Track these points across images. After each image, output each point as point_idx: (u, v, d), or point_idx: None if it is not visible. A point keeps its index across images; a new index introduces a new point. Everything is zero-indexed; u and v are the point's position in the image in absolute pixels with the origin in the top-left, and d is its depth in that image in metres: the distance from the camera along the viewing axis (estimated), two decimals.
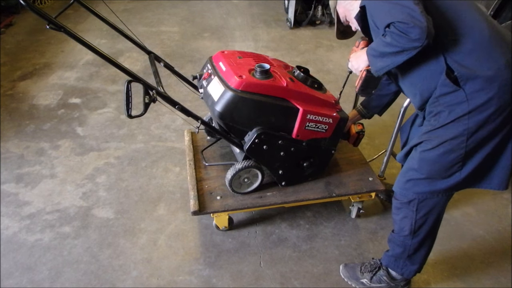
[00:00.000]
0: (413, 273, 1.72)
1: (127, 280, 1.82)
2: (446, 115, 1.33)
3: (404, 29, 1.19)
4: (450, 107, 1.31)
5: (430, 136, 1.38)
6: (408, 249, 1.62)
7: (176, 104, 1.63)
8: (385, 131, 2.85)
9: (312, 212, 2.20)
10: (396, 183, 1.57)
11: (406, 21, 1.18)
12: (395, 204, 1.59)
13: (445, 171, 1.39)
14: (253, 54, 1.93)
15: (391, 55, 1.28)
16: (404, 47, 1.23)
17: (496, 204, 2.33)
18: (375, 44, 1.35)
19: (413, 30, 1.17)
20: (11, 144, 2.64)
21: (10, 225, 2.06)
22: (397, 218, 1.60)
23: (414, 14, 1.18)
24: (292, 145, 1.82)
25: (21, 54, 3.84)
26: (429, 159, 1.40)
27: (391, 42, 1.25)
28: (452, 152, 1.35)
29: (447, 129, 1.34)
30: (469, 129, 1.30)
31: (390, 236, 1.69)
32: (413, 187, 1.48)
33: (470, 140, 1.31)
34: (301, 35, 4.58)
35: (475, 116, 1.28)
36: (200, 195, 1.88)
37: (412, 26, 1.17)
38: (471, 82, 1.26)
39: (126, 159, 2.56)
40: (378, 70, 1.36)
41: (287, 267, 1.90)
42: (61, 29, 1.29)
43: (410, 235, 1.58)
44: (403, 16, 1.19)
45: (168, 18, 4.91)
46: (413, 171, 1.47)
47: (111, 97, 3.22)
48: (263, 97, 1.66)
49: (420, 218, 1.53)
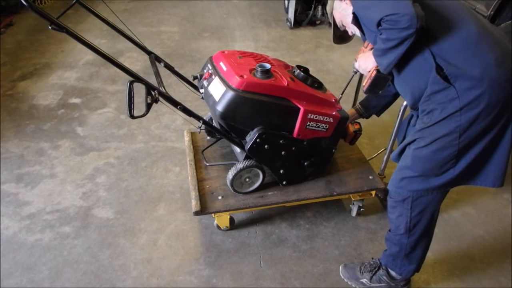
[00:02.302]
0: (412, 273, 1.72)
1: (127, 280, 1.82)
2: (438, 112, 1.34)
3: (393, 20, 1.21)
4: (442, 104, 1.32)
5: (423, 134, 1.39)
6: (405, 248, 1.62)
7: (178, 104, 1.64)
8: (385, 131, 2.85)
9: (312, 212, 2.20)
10: (390, 182, 1.57)
11: (392, 12, 1.20)
12: (390, 202, 1.60)
13: (439, 168, 1.40)
14: (254, 54, 1.93)
15: (392, 50, 1.30)
16: (400, 37, 1.24)
17: (496, 204, 2.33)
18: (376, 44, 1.37)
19: (402, 19, 1.19)
20: (11, 144, 2.64)
21: (10, 225, 2.06)
22: (392, 216, 1.61)
23: (398, 3, 1.21)
24: (293, 145, 1.82)
25: (21, 54, 3.83)
26: (422, 156, 1.41)
27: (387, 37, 1.27)
28: (445, 149, 1.35)
29: (439, 126, 1.35)
30: (461, 126, 1.30)
31: (387, 235, 1.70)
32: (407, 185, 1.49)
33: (462, 137, 1.32)
34: (301, 35, 4.58)
35: (467, 113, 1.29)
36: (201, 195, 1.88)
37: (401, 15, 1.19)
38: (461, 80, 1.27)
39: (126, 159, 2.56)
40: (386, 67, 1.37)
41: (287, 267, 1.90)
42: (63, 30, 1.29)
43: (406, 234, 1.58)
44: (388, 9, 1.22)
45: (168, 18, 4.91)
46: (407, 169, 1.47)
47: (111, 97, 3.21)
48: (264, 96, 1.66)
49: (415, 216, 1.53)
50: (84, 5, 1.71)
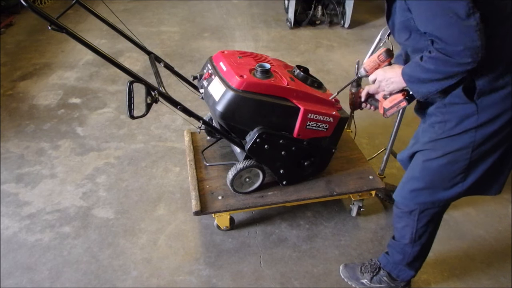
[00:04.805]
0: (409, 277, 1.73)
1: (127, 280, 1.82)
2: (452, 125, 1.27)
3: (449, 52, 1.00)
4: (459, 118, 1.24)
5: (435, 146, 1.34)
6: (408, 256, 1.62)
7: (178, 105, 1.63)
8: (385, 131, 2.85)
9: (312, 212, 2.20)
10: (397, 192, 1.54)
11: (452, 41, 0.98)
12: (396, 212, 1.58)
13: (448, 181, 1.36)
14: (253, 54, 1.93)
15: (436, 82, 1.12)
16: (451, 72, 1.05)
17: (496, 204, 2.33)
18: (411, 68, 1.19)
19: (462, 53, 0.98)
20: (11, 144, 2.64)
21: (10, 225, 2.06)
22: (398, 226, 1.59)
23: (464, 29, 0.96)
24: (293, 144, 1.82)
25: (21, 54, 3.84)
26: (432, 168, 1.37)
27: (435, 68, 1.07)
28: (455, 163, 1.31)
29: (453, 141, 1.28)
30: (475, 142, 1.25)
31: (391, 242, 1.69)
32: (415, 198, 1.46)
33: (475, 152, 1.27)
34: (301, 35, 4.58)
35: (483, 129, 1.22)
36: (201, 195, 1.88)
37: (462, 49, 0.97)
38: (486, 97, 1.16)
39: (126, 159, 2.56)
40: (424, 96, 1.21)
41: (287, 267, 1.90)
42: (63, 30, 1.29)
43: (411, 244, 1.58)
44: (449, 32, 0.99)
45: (168, 18, 4.91)
46: (415, 180, 1.44)
47: (111, 97, 3.21)
48: (264, 96, 1.66)
49: (421, 228, 1.52)
50: (84, 5, 1.71)
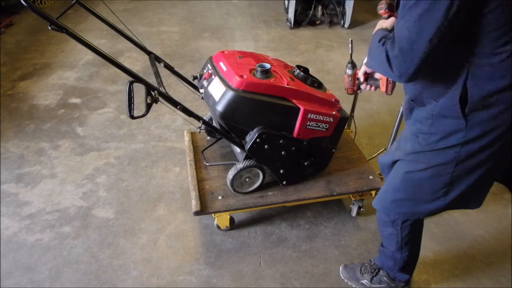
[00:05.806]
0: (406, 279, 1.74)
1: (127, 280, 1.82)
2: (437, 139, 1.23)
3: (391, 58, 1.07)
4: (444, 132, 1.21)
5: (418, 158, 1.31)
6: (398, 262, 1.64)
7: (178, 105, 1.63)
8: (385, 131, 2.85)
9: (312, 212, 2.20)
10: (377, 201, 1.53)
11: (397, 50, 1.05)
12: (379, 221, 1.59)
13: (430, 195, 1.34)
14: (253, 54, 1.94)
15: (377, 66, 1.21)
16: (383, 71, 1.16)
17: (496, 204, 2.32)
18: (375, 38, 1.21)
19: (399, 66, 1.06)
20: (11, 144, 2.64)
21: (10, 225, 2.06)
22: (384, 234, 1.61)
23: (414, 46, 1.00)
24: (293, 144, 1.82)
25: (21, 54, 3.83)
26: (414, 180, 1.35)
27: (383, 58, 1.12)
28: (438, 177, 1.29)
29: (436, 155, 1.25)
30: (459, 158, 1.22)
31: (380, 249, 1.71)
32: (396, 208, 1.45)
33: (458, 167, 1.23)
34: (301, 35, 4.58)
35: (469, 146, 1.19)
36: (201, 195, 1.88)
37: (402, 60, 1.04)
38: (480, 113, 1.12)
39: (126, 159, 2.56)
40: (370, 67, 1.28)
41: (287, 267, 1.90)
42: (63, 30, 1.29)
43: (399, 251, 1.60)
44: (406, 36, 1.02)
45: (168, 18, 4.91)
46: (396, 190, 1.42)
47: (111, 97, 3.21)
48: (264, 96, 1.66)
49: (405, 235, 1.53)
50: (84, 5, 1.71)
